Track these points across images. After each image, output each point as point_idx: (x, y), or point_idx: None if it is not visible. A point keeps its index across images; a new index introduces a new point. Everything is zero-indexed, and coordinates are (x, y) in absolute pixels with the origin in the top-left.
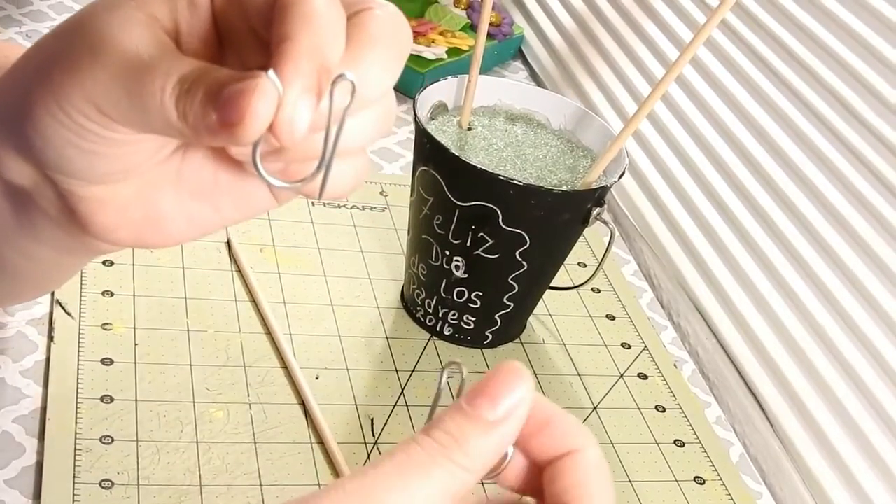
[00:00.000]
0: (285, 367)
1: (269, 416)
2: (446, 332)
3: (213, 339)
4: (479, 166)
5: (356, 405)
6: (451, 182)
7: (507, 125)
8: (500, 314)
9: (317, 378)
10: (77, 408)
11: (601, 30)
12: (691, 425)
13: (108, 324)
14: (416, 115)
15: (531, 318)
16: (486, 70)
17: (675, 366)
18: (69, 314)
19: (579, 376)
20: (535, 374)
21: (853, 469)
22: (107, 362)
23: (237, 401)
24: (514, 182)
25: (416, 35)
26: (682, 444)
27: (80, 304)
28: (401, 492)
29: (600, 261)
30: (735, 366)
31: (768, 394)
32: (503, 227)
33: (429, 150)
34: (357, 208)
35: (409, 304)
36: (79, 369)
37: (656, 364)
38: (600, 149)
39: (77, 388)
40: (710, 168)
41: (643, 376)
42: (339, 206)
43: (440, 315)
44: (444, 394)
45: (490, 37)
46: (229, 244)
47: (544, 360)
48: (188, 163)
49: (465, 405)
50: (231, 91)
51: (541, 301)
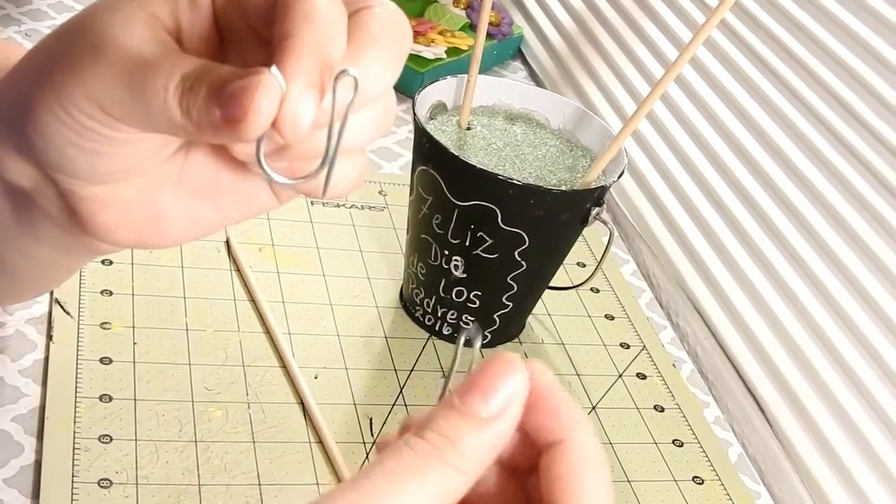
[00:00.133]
0: (284, 366)
1: (268, 415)
2: (445, 332)
3: (211, 338)
4: (479, 166)
5: (355, 405)
6: (450, 182)
7: (506, 125)
8: (498, 314)
9: (315, 377)
10: (76, 407)
11: (600, 30)
12: (690, 425)
13: (106, 323)
14: (415, 114)
15: (530, 318)
16: (485, 70)
17: (673, 366)
18: (68, 313)
19: (578, 376)
20: None
21: (852, 469)
22: (106, 361)
23: (236, 400)
24: (514, 182)
25: (416, 34)
26: (681, 444)
27: (79, 304)
28: (394, 501)
29: (599, 261)
30: (734, 366)
31: (767, 394)
32: (502, 226)
33: (428, 149)
34: (356, 208)
35: (408, 303)
36: (77, 368)
37: (655, 364)
38: (599, 149)
39: (76, 387)
40: (710, 168)
41: (642, 376)
42: (338, 206)
43: (439, 315)
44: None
45: (489, 36)
46: (228, 243)
47: (543, 360)
48: (190, 162)
49: (458, 402)
50: (234, 87)
51: (540, 301)
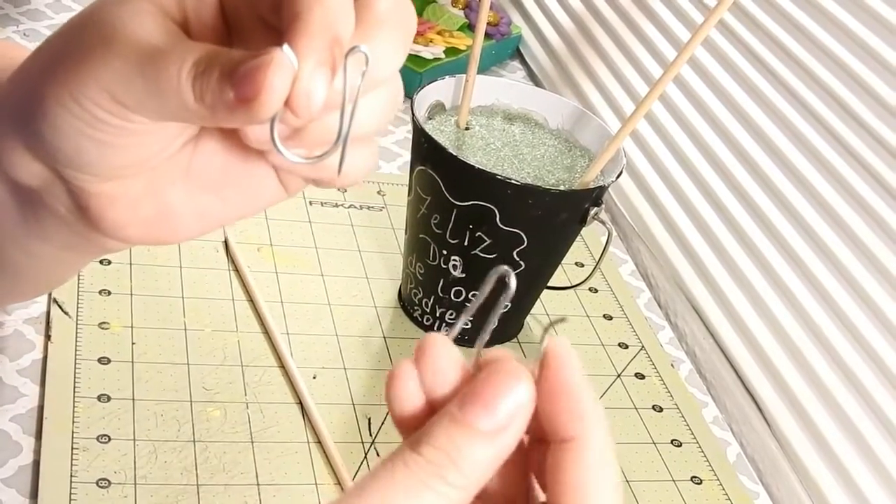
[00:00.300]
0: (282, 366)
1: (267, 415)
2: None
3: (210, 338)
4: (477, 166)
5: (353, 405)
6: (448, 182)
7: (504, 125)
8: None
9: (314, 377)
10: (74, 407)
11: (599, 30)
12: (688, 425)
13: (105, 323)
14: (413, 114)
15: (528, 318)
16: (483, 70)
17: (672, 365)
18: (66, 313)
19: None
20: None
21: (850, 468)
22: (104, 361)
23: (234, 400)
24: (512, 182)
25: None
26: (680, 444)
27: (78, 303)
28: None
29: (598, 260)
30: (732, 366)
31: (765, 394)
32: (500, 226)
33: (426, 149)
34: (354, 207)
35: (406, 303)
36: (76, 368)
37: (653, 364)
38: (598, 149)
39: (74, 386)
40: (708, 168)
41: (640, 376)
42: (336, 206)
43: (437, 314)
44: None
45: (488, 36)
46: (227, 243)
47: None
48: (198, 157)
49: (458, 412)
50: (247, 67)
51: (538, 301)
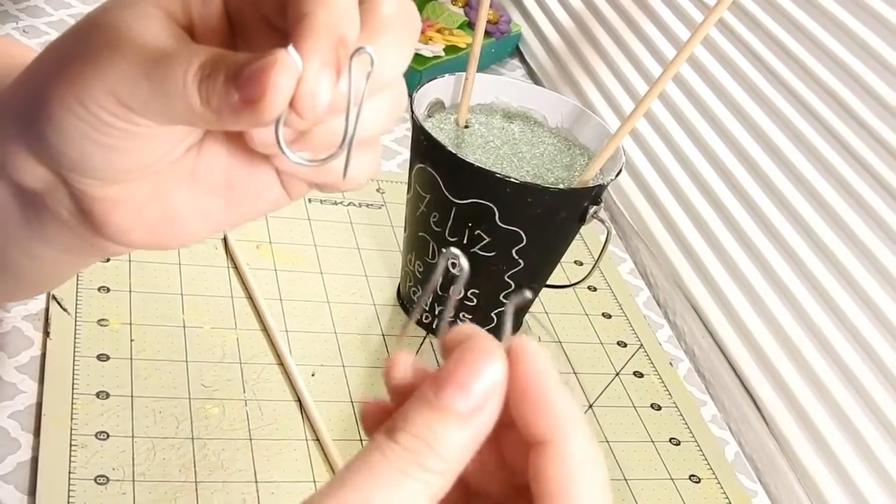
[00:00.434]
0: (281, 363)
1: (265, 412)
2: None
3: (209, 335)
4: (476, 164)
5: (352, 402)
6: (447, 180)
7: (504, 123)
8: (496, 312)
9: (313, 375)
10: (73, 403)
11: (599, 28)
12: (687, 424)
13: (104, 320)
14: (412, 112)
15: (527, 316)
16: (483, 68)
17: (670, 364)
18: (65, 310)
19: (575, 374)
20: None
21: (848, 467)
22: (103, 358)
23: (233, 397)
24: (511, 180)
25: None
26: (678, 443)
27: (77, 300)
28: None
29: (597, 259)
30: (731, 364)
31: (764, 393)
32: (500, 224)
33: (426, 147)
34: (354, 205)
35: (405, 301)
36: (74, 365)
37: (652, 362)
38: (597, 147)
39: (73, 383)
40: (707, 167)
41: (639, 374)
42: (335, 203)
43: (436, 312)
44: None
45: (487, 34)
46: (226, 241)
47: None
48: (202, 161)
49: (433, 397)
50: (252, 69)
51: (537, 299)
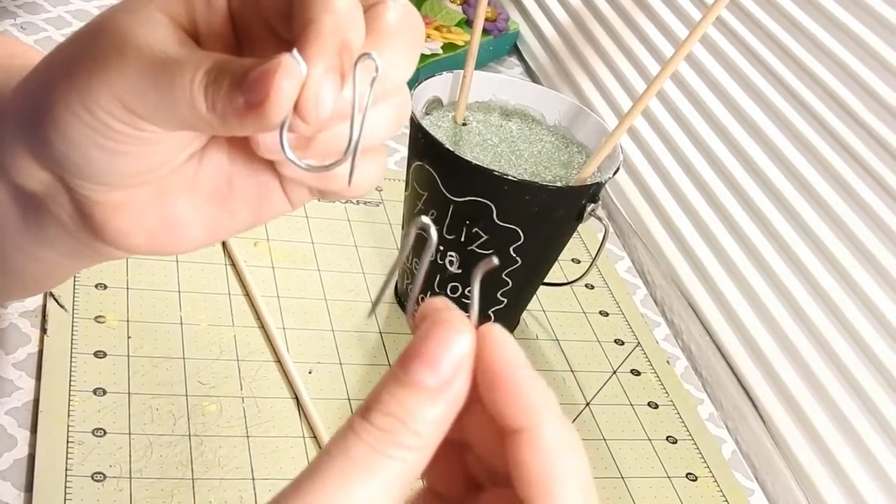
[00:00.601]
0: (278, 360)
1: (262, 409)
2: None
3: (206, 332)
4: (474, 162)
5: (349, 399)
6: (445, 177)
7: (501, 121)
8: (493, 310)
9: (310, 372)
10: (70, 400)
11: (597, 26)
12: (684, 422)
13: (101, 316)
14: (411, 110)
15: (525, 314)
16: (481, 66)
17: (667, 362)
18: (62, 306)
19: (572, 372)
20: None
21: (844, 465)
22: (100, 355)
23: (230, 394)
24: (509, 178)
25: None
26: (675, 441)
27: (74, 297)
28: (346, 500)
29: (594, 257)
30: (728, 363)
31: (761, 391)
32: (497, 222)
33: (423, 145)
34: (351, 203)
35: (402, 298)
36: (72, 362)
37: (649, 360)
38: (595, 145)
39: (70, 380)
40: (705, 165)
41: (636, 373)
42: (333, 201)
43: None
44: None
45: (485, 32)
46: None
47: (537, 356)
48: (203, 168)
49: (402, 374)
50: (256, 73)
51: (534, 297)
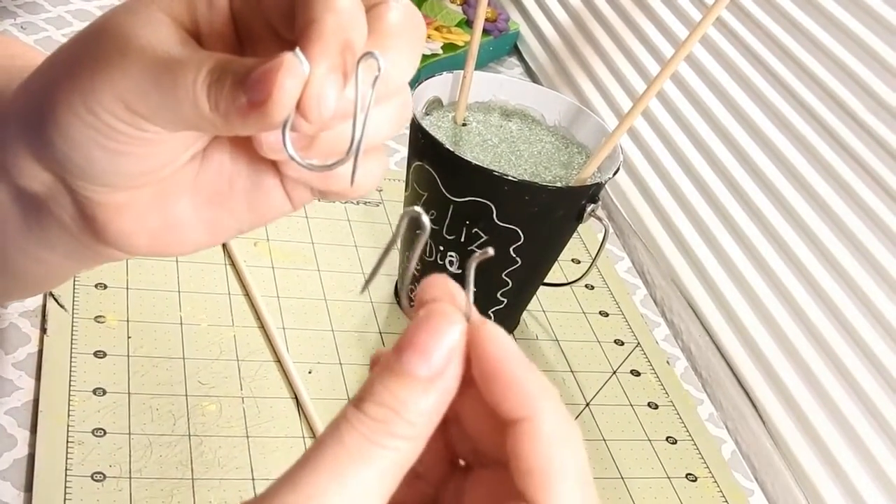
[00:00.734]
0: (278, 361)
1: (262, 409)
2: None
3: (206, 332)
4: (474, 162)
5: (349, 399)
6: (445, 177)
7: (501, 121)
8: (493, 310)
9: (310, 372)
10: (69, 400)
11: (597, 26)
12: (683, 422)
13: (101, 316)
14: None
15: (524, 314)
16: (481, 66)
17: (667, 363)
18: (62, 306)
19: (572, 372)
20: None
21: (844, 466)
22: (100, 355)
23: (230, 394)
24: (509, 178)
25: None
26: (675, 441)
27: (74, 297)
28: (340, 490)
29: (594, 257)
30: (728, 363)
31: (760, 391)
32: (497, 222)
33: (423, 145)
34: (351, 203)
35: (402, 299)
36: (71, 362)
37: (649, 361)
38: (595, 145)
39: (70, 380)
40: (705, 166)
41: (636, 373)
42: (333, 201)
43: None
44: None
45: (485, 33)
46: None
47: (537, 356)
48: (205, 170)
49: (395, 364)
50: (259, 71)
51: (534, 297)
